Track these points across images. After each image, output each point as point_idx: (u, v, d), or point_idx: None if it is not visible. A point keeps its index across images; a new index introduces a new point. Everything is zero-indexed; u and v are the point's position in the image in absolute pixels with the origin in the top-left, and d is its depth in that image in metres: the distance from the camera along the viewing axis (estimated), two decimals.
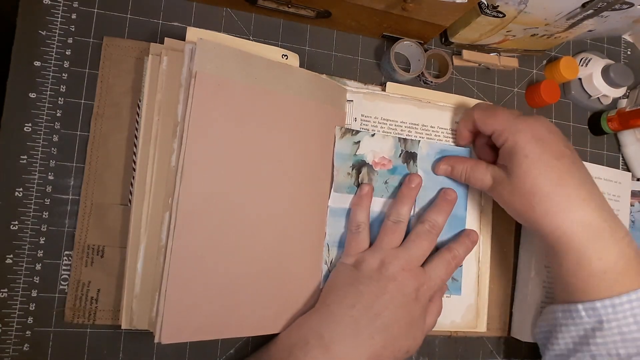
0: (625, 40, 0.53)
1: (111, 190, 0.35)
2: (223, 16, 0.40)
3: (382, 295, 0.33)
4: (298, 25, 0.42)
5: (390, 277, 0.34)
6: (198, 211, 0.31)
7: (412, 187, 0.38)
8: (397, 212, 0.37)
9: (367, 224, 0.37)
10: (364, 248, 0.36)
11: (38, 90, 0.35)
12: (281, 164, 0.35)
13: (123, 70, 0.36)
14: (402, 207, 0.38)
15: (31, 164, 0.34)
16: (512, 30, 0.41)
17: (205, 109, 0.32)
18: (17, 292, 0.33)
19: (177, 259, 0.30)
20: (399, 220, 0.37)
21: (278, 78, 0.35)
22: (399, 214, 0.37)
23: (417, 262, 0.36)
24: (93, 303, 0.34)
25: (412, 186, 0.38)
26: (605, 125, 0.48)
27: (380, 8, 0.37)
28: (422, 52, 0.42)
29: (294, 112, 0.36)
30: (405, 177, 0.39)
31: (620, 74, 0.47)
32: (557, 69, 0.47)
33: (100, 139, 0.35)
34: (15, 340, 0.33)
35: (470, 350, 0.43)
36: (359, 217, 0.37)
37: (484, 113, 0.37)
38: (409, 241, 0.36)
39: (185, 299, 0.31)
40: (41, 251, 0.34)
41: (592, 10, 0.37)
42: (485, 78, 0.47)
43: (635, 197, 0.48)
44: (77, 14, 0.36)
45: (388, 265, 0.34)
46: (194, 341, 0.36)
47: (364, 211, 0.38)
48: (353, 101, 0.40)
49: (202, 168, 0.32)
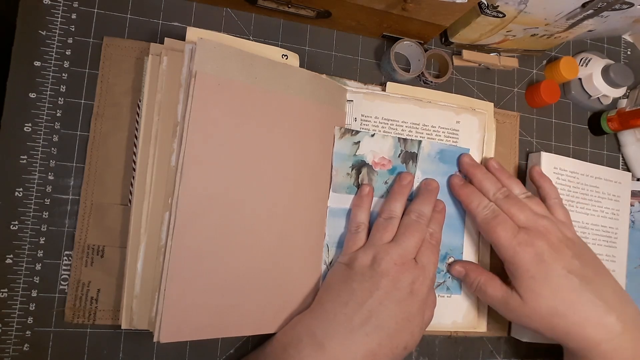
0: (625, 40, 0.53)
1: (111, 190, 0.35)
2: (223, 16, 0.40)
3: (375, 291, 0.33)
4: (298, 25, 0.42)
5: (382, 272, 0.33)
6: (198, 211, 0.31)
7: (403, 184, 0.38)
8: (389, 209, 0.37)
9: (366, 225, 0.37)
10: (359, 247, 0.36)
11: (38, 90, 0.35)
12: (281, 164, 0.35)
13: (123, 70, 0.36)
14: (394, 204, 0.37)
15: (31, 164, 0.34)
16: (512, 30, 0.41)
17: (205, 108, 0.32)
18: (17, 292, 0.33)
19: (176, 258, 0.30)
20: (391, 216, 0.37)
21: (278, 78, 0.35)
22: (390, 211, 0.37)
23: (409, 255, 0.35)
24: (93, 303, 0.34)
25: (403, 183, 0.38)
26: (605, 125, 0.48)
27: (380, 8, 0.37)
28: (422, 52, 0.42)
29: (294, 112, 0.36)
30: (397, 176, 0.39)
31: (620, 74, 0.47)
32: (557, 69, 0.47)
33: (100, 139, 0.35)
34: (15, 340, 0.33)
35: (470, 350, 0.43)
36: (359, 217, 0.37)
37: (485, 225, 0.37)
38: (398, 235, 0.36)
39: (184, 298, 0.31)
40: (41, 251, 0.34)
41: (592, 10, 0.37)
42: (485, 78, 0.47)
43: (635, 197, 0.48)
44: (77, 14, 0.36)
45: (380, 260, 0.34)
46: (193, 341, 0.36)
47: (364, 212, 0.38)
48: (353, 101, 0.40)
49: (202, 168, 0.32)
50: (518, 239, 0.35)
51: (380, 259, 0.34)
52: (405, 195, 0.38)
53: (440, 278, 0.41)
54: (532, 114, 0.48)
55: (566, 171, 0.45)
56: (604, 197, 0.47)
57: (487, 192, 0.39)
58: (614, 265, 0.46)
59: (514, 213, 0.37)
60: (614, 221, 0.47)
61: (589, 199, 0.46)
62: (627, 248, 0.47)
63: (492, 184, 0.39)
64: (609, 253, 0.46)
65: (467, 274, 0.39)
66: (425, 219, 0.37)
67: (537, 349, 0.44)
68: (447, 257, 0.41)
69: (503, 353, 0.44)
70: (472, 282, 0.39)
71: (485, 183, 0.39)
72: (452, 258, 0.41)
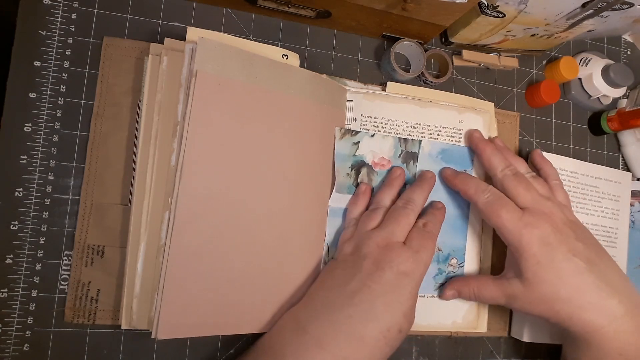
0: (625, 40, 0.53)
1: (111, 190, 0.35)
2: (223, 16, 0.40)
3: (357, 273, 0.32)
4: (298, 25, 0.42)
5: (364, 255, 0.33)
6: (198, 210, 0.31)
7: (392, 177, 0.38)
8: (376, 200, 0.37)
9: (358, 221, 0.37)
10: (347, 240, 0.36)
11: (38, 90, 0.35)
12: (281, 163, 0.35)
13: (123, 70, 0.36)
14: (380, 195, 0.37)
15: (31, 164, 0.34)
16: (512, 30, 0.41)
17: (205, 108, 0.32)
18: (17, 292, 0.33)
19: (175, 256, 0.30)
20: (377, 207, 0.37)
21: (278, 78, 0.35)
22: (377, 202, 0.37)
23: (394, 237, 0.34)
24: (93, 303, 0.34)
25: (392, 177, 0.38)
26: (605, 125, 0.48)
27: (380, 8, 0.37)
28: (422, 52, 0.42)
29: (294, 112, 0.36)
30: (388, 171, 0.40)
31: (620, 74, 0.47)
32: (557, 69, 0.47)
33: (100, 139, 0.35)
34: (15, 340, 0.33)
35: (470, 350, 0.43)
36: (353, 214, 0.37)
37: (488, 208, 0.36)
38: (384, 221, 0.35)
39: (182, 296, 0.31)
40: (41, 251, 0.34)
41: (592, 10, 0.37)
42: (485, 78, 0.47)
43: (635, 197, 0.48)
44: (77, 14, 0.36)
45: (362, 246, 0.34)
46: (193, 341, 0.36)
47: (358, 209, 0.38)
48: (353, 101, 0.40)
49: (201, 167, 0.32)
50: (524, 221, 0.35)
51: (362, 244, 0.34)
52: (395, 187, 0.38)
53: (440, 279, 0.41)
54: (532, 114, 0.48)
55: (566, 171, 0.45)
56: (604, 197, 0.47)
57: (496, 167, 0.38)
58: None
59: (520, 192, 0.36)
60: (614, 221, 0.47)
61: (589, 199, 0.46)
62: (627, 248, 0.47)
63: (500, 161, 0.38)
64: (609, 253, 0.46)
65: (459, 292, 0.39)
66: (413, 206, 0.36)
67: (537, 349, 0.44)
68: (450, 258, 0.41)
69: (503, 353, 0.44)
70: (468, 295, 0.39)
71: (494, 159, 0.38)
72: (455, 259, 0.41)
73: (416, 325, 0.39)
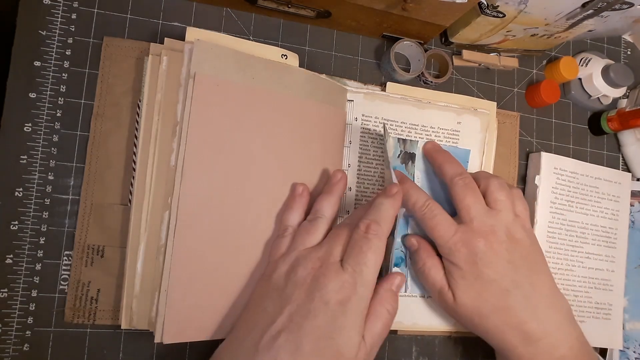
0: (625, 40, 0.53)
1: (111, 190, 0.35)
2: (223, 16, 0.40)
3: (286, 306, 0.28)
4: (298, 25, 0.42)
5: (297, 282, 0.29)
6: (198, 210, 0.31)
7: (333, 182, 0.35)
8: (315, 209, 0.33)
9: (295, 229, 0.33)
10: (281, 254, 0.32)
11: (38, 90, 0.35)
12: (281, 163, 0.35)
13: (123, 70, 0.36)
14: (320, 203, 0.33)
15: (31, 164, 0.34)
16: (512, 30, 0.41)
17: (204, 108, 0.32)
18: (17, 292, 0.33)
19: (177, 258, 0.30)
20: (316, 217, 0.33)
21: (276, 78, 0.35)
22: (316, 211, 0.33)
23: (333, 257, 0.30)
24: (93, 303, 0.34)
25: (333, 181, 0.35)
26: (605, 125, 0.48)
27: (380, 8, 0.37)
28: (422, 52, 0.42)
29: (293, 112, 0.36)
30: None
31: (620, 74, 0.47)
32: (557, 69, 0.47)
33: (100, 139, 0.35)
34: (15, 340, 0.33)
35: (470, 350, 0.43)
36: (288, 219, 0.33)
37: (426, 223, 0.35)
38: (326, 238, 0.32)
39: (186, 299, 0.31)
40: (41, 251, 0.34)
41: (592, 10, 0.37)
42: (485, 78, 0.47)
43: (635, 197, 0.48)
44: (77, 14, 0.36)
45: (297, 268, 0.30)
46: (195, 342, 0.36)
47: (293, 213, 0.33)
48: (353, 101, 0.40)
49: (201, 167, 0.32)
50: (454, 240, 0.34)
51: (297, 266, 0.30)
52: (335, 193, 0.34)
53: None
54: (532, 114, 0.48)
55: (566, 171, 0.45)
56: (604, 198, 0.47)
57: (446, 174, 0.36)
58: (613, 265, 0.46)
59: (466, 204, 0.34)
60: (613, 221, 0.47)
61: (588, 199, 0.46)
62: (627, 248, 0.47)
63: (451, 168, 0.36)
64: (609, 253, 0.46)
65: (418, 251, 0.36)
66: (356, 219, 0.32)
67: None
68: None
69: None
70: (419, 260, 0.36)
71: (445, 166, 0.37)
72: None
73: (416, 325, 0.39)
